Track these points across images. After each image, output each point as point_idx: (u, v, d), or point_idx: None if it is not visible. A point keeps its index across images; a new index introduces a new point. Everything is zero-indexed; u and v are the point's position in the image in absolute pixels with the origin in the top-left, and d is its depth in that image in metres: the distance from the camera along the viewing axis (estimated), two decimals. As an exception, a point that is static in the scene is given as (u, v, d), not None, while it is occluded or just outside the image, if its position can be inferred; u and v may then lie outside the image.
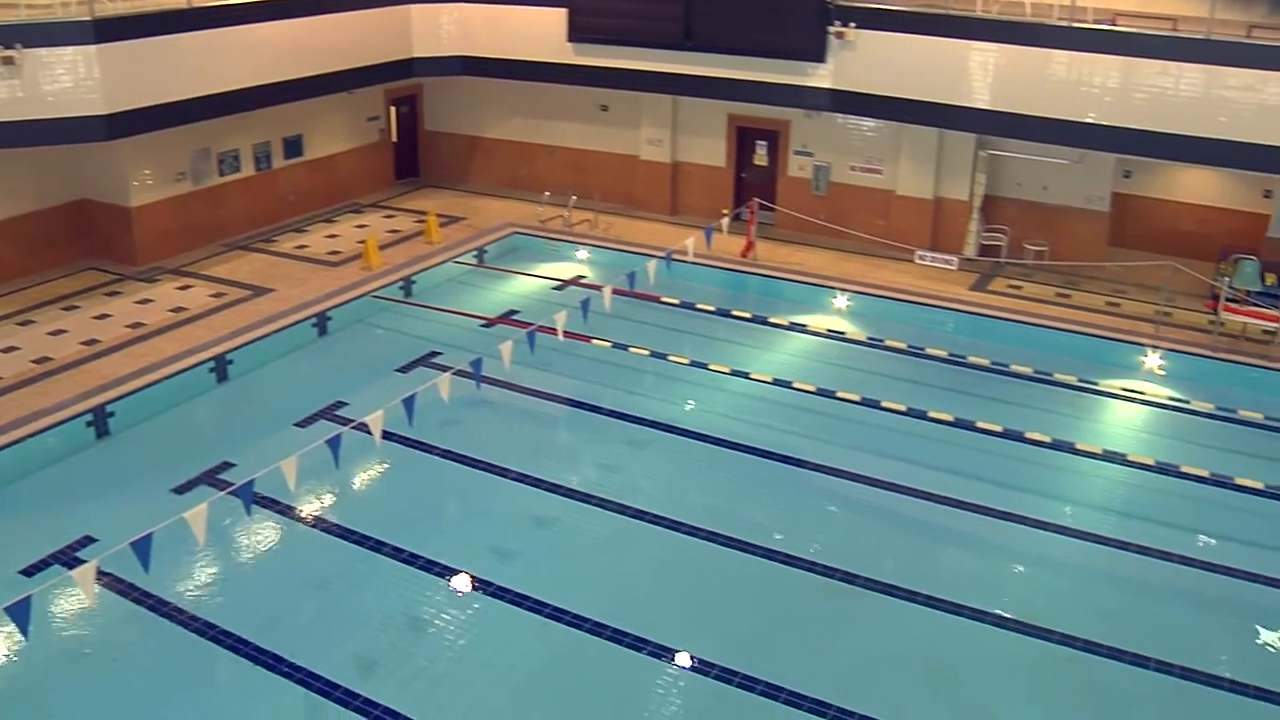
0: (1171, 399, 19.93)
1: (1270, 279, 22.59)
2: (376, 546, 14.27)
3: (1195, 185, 25.63)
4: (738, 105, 26.65)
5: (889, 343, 21.52)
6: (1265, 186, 24.67)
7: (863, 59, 23.36)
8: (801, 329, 22.11)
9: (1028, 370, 20.41)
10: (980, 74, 22.41)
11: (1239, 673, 12.76)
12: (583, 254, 25.54)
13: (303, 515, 15.05)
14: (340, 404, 17.96)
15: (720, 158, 27.83)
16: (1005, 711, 12.00)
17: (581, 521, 15.09)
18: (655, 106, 27.62)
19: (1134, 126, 21.49)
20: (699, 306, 22.60)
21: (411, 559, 14.01)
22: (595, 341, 20.16)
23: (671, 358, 20.13)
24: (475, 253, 24.93)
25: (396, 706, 11.52)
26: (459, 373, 16.00)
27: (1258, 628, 13.80)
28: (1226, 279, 22.04)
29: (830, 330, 22.19)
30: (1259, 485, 16.82)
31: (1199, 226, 25.47)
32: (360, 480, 16.11)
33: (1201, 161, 23.35)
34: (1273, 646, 13.62)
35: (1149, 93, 21.22)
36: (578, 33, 25.54)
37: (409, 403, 14.76)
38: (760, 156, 27.53)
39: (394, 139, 29.74)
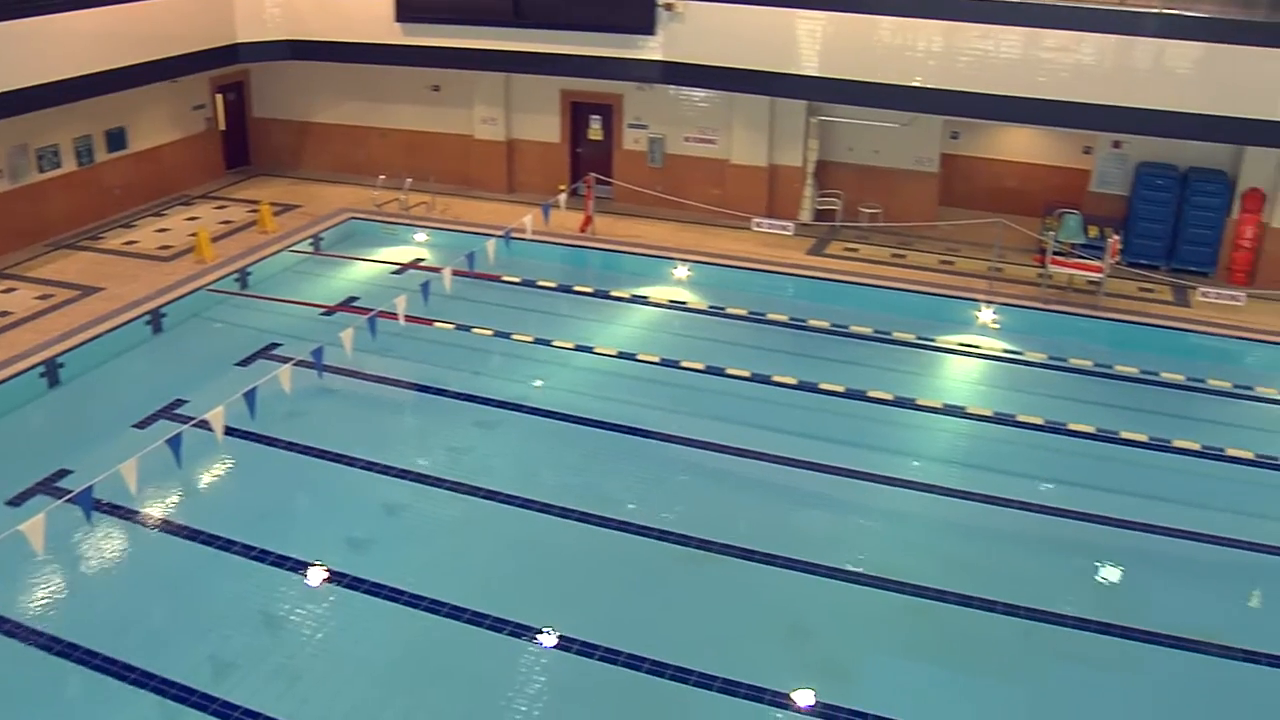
0: (1006, 351, 20.58)
1: (1093, 231, 23.44)
2: (226, 545, 13.96)
3: (1020, 144, 26.44)
4: (571, 80, 26.58)
5: (730, 310, 21.79)
6: (1085, 143, 25.57)
7: (692, 30, 23.54)
8: (643, 301, 22.25)
9: (867, 330, 20.86)
10: (809, 42, 22.75)
11: (1083, 609, 13.30)
12: (421, 236, 25.29)
13: (147, 519, 14.64)
14: (179, 402, 17.50)
15: (555, 134, 27.78)
16: (863, 664, 12.30)
17: (434, 506, 15.00)
18: (488, 85, 27.43)
19: (959, 89, 22.08)
20: (540, 284, 22.61)
21: (262, 555, 13.75)
22: (438, 324, 20.04)
23: (515, 336, 20.12)
24: (311, 240, 24.50)
25: (256, 706, 11.32)
26: (300, 363, 15.77)
27: (1098, 565, 14.40)
28: (1052, 233, 22.76)
29: (672, 301, 22.37)
30: (1091, 429, 17.50)
31: (1025, 183, 26.30)
32: (205, 479, 15.75)
33: (1024, 121, 24.12)
34: (1113, 582, 14.23)
35: (972, 56, 21.80)
36: (406, 12, 25.20)
37: (250, 396, 14.50)
38: (595, 131, 27.56)
39: (222, 128, 28.97)
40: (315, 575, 13.45)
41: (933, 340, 20.79)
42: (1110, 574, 14.40)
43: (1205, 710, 11.90)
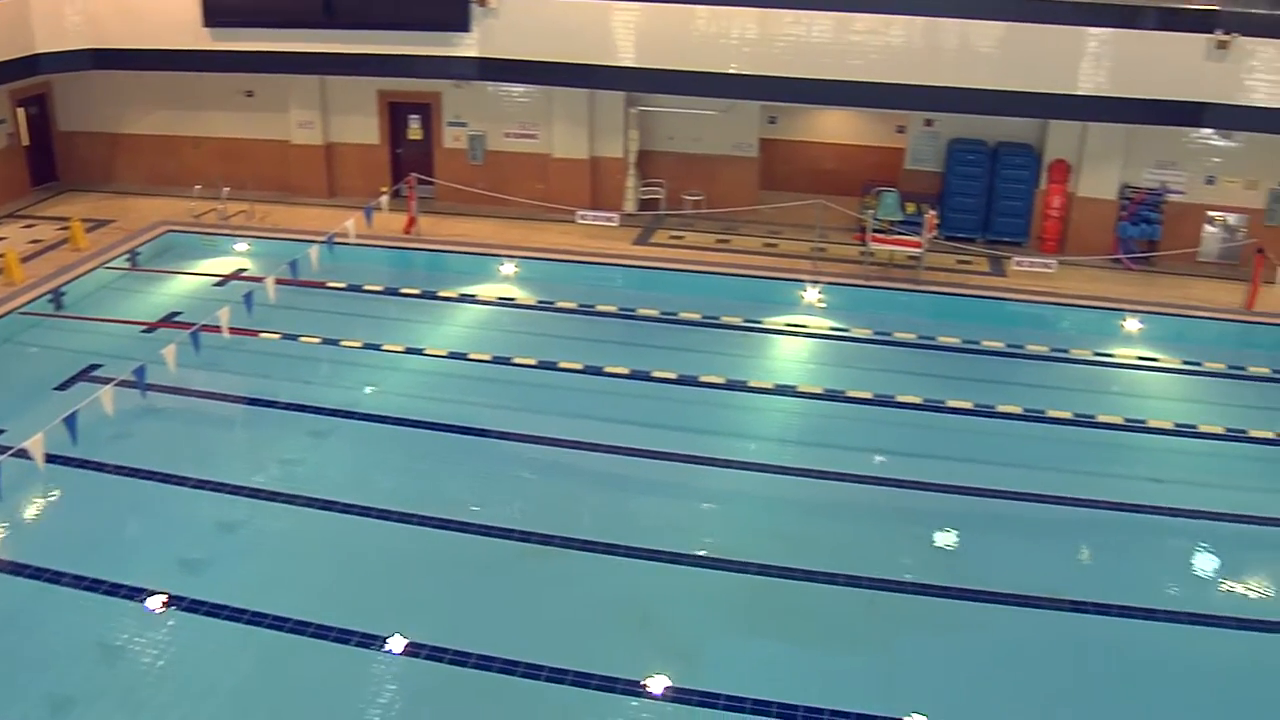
0: (832, 329, 21.04)
1: (910, 208, 24.06)
2: (54, 578, 13.41)
3: (836, 126, 26.99)
4: (387, 81, 26.30)
5: (559, 304, 21.82)
6: (898, 123, 26.24)
7: (508, 25, 23.49)
8: (472, 300, 22.17)
9: (696, 316, 21.11)
10: (625, 33, 22.90)
11: (922, 575, 13.72)
12: (242, 246, 24.72)
13: (-33, 555, 14.09)
14: (-4, 431, 16.88)
15: (374, 135, 27.44)
16: (712, 646, 12.43)
17: (270, 520, 14.70)
18: (303, 88, 26.95)
19: (774, 74, 22.51)
20: (367, 288, 22.33)
21: (95, 585, 13.25)
22: (264, 335, 19.64)
23: (344, 343, 19.81)
24: (128, 256, 23.74)
25: (98, 740, 11.00)
26: (122, 383, 15.34)
27: (933, 531, 14.84)
28: (871, 211, 23.31)
29: (500, 298, 22.32)
30: (918, 400, 17.98)
31: (842, 164, 26.85)
32: (28, 510, 15.12)
33: (838, 103, 24.66)
34: (949, 546, 14.67)
35: (785, 41, 22.21)
36: (214, 17, 24.61)
37: (70, 421, 14.06)
38: (415, 131, 27.32)
39: (25, 143, 27.85)
40: (152, 601, 13.06)
41: (761, 322, 21.13)
42: (946, 539, 14.85)
43: (1044, 662, 12.30)
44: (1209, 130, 23.70)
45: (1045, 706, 11.55)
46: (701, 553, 14.00)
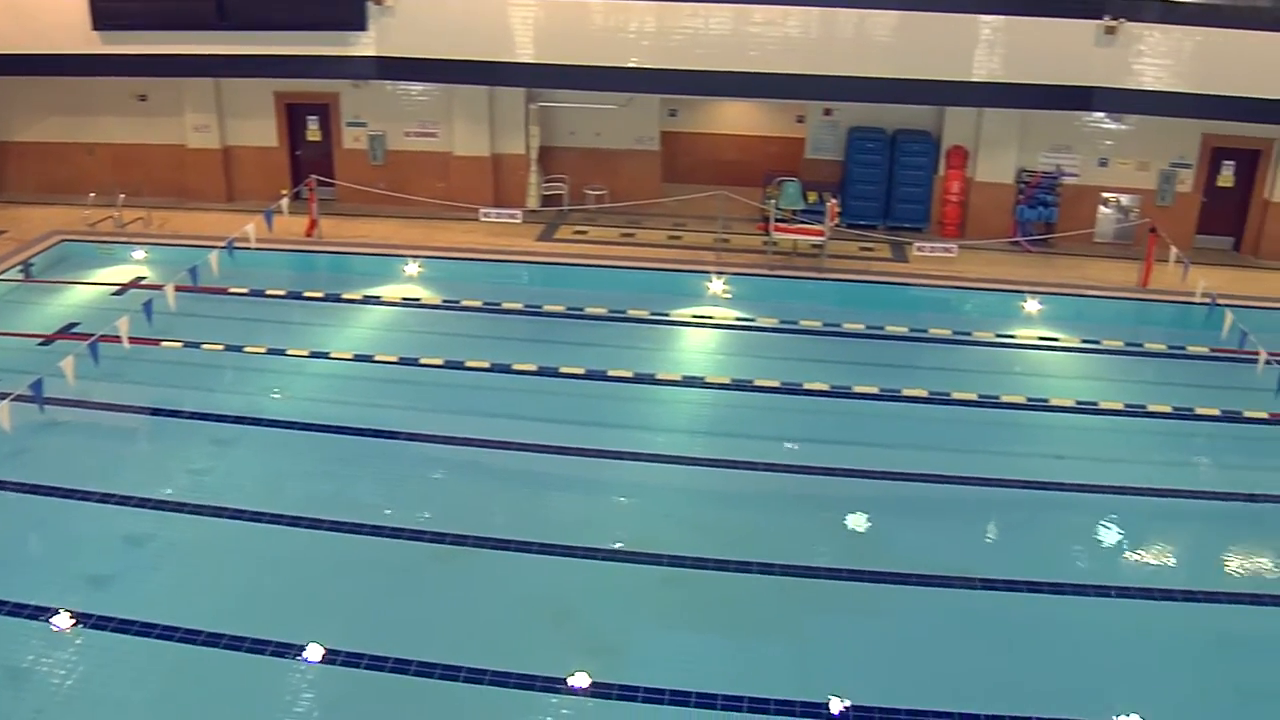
0: (738, 319, 21.18)
1: (812, 197, 24.31)
2: (-46, 600, 13.17)
3: (736, 117, 27.19)
4: (284, 82, 26.03)
5: (465, 303, 21.76)
6: (798, 112, 26.50)
7: (405, 24, 23.34)
8: (376, 301, 22.03)
9: (602, 311, 21.14)
10: (523, 28, 22.88)
11: (834, 560, 13.85)
12: (140, 254, 24.28)
13: None
14: (-111, 453, 16.42)
15: (272, 137, 27.15)
16: (629, 639, 12.44)
17: (178, 532, 14.43)
18: (198, 91, 26.56)
19: (673, 67, 22.62)
20: (269, 293, 22.04)
21: (-3, 606, 13.03)
22: (165, 344, 19.31)
23: (248, 349, 19.57)
24: (20, 267, 23.19)
25: (7, 765, 10.77)
26: (19, 398, 15.02)
27: (844, 516, 15.00)
28: (773, 201, 23.47)
29: (405, 298, 22.20)
30: (825, 387, 18.16)
31: (744, 155, 27.07)
32: (-75, 530, 14.81)
33: (737, 95, 24.85)
34: (859, 530, 14.82)
35: (684, 34, 22.33)
36: (103, 20, 24.10)
37: (-33, 439, 13.75)
38: (313, 132, 27.06)
39: (-93, 154, 27.20)
40: (59, 620, 12.79)
41: (667, 315, 21.22)
42: (856, 522, 15.01)
43: (956, 640, 12.49)
44: (1100, 114, 24.22)
45: (959, 683, 11.70)
46: (616, 546, 14.03)
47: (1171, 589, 13.54)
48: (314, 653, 12.08)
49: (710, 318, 21.37)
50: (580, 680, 11.65)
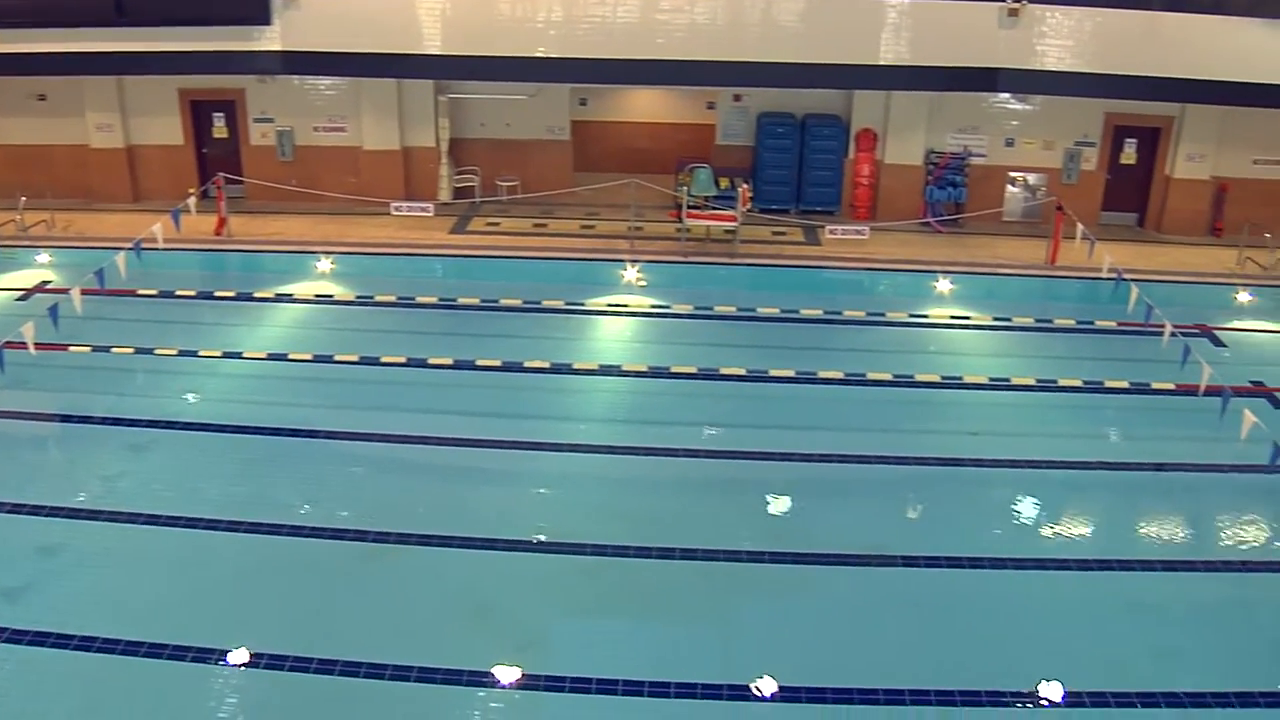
0: (654, 306, 21.23)
1: (724, 183, 24.42)
2: None
3: (647, 105, 27.20)
4: (188, 79, 25.63)
5: (379, 298, 21.61)
6: (708, 99, 26.56)
7: (310, 17, 23.10)
8: (289, 299, 21.79)
9: (517, 302, 21.09)
10: (430, 20, 22.75)
11: (756, 542, 13.91)
12: (44, 258, 23.81)
13: None
14: None
15: (178, 135, 26.76)
16: (554, 630, 12.43)
17: (93, 540, 14.16)
18: (99, 90, 26.07)
19: (581, 56, 22.56)
20: (179, 293, 21.74)
21: (-96, 622, 12.72)
22: (73, 348, 18.96)
23: (159, 351, 19.26)
24: (-81, 274, 22.75)
25: (-78, 788, 10.53)
26: (-77, 409, 14.70)
27: (765, 499, 15.09)
28: (685, 188, 23.57)
29: (318, 295, 21.99)
30: (742, 371, 18.25)
31: (655, 142, 27.09)
32: None
33: (646, 82, 24.86)
34: (780, 512, 14.94)
35: (591, 23, 22.30)
36: (-3, 18, 23.58)
37: None
38: (220, 129, 26.69)
39: None
40: (-31, 633, 12.55)
41: (582, 304, 21.22)
42: (777, 505, 15.11)
43: (879, 618, 12.60)
44: (1006, 95, 24.56)
45: (883, 660, 11.83)
46: (538, 538, 14.01)
47: (1087, 558, 13.81)
48: (237, 657, 11.93)
49: (625, 306, 21.39)
50: (507, 673, 11.63)
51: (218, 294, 21.99)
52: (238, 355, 19.13)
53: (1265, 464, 14.41)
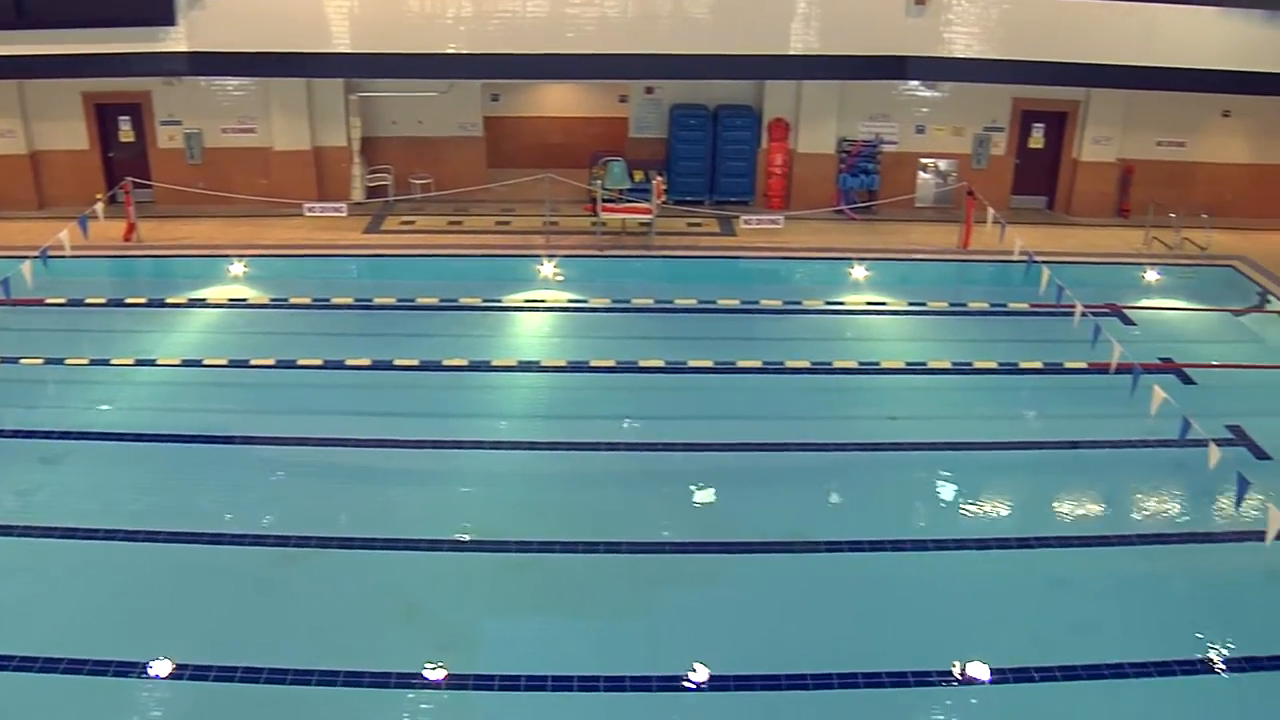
0: (571, 300, 21.25)
1: (639, 175, 24.43)
2: None
3: (559, 100, 27.19)
4: (92, 82, 25.14)
5: (294, 300, 21.44)
6: (620, 92, 26.61)
7: (216, 16, 22.79)
8: (202, 304, 21.46)
9: (434, 301, 21.00)
10: (339, 17, 22.58)
11: (678, 533, 14.01)
12: (-54, 269, 23.32)
13: None
14: None
15: (83, 140, 26.24)
16: (481, 628, 12.41)
17: (6, 557, 13.83)
18: (-2, 95, 25.55)
19: (492, 51, 22.51)
20: (89, 301, 21.39)
21: None
22: (-20, 360, 18.63)
23: (69, 361, 18.88)
24: None
25: None
26: None
27: (686, 490, 15.15)
28: (599, 182, 23.56)
29: (232, 299, 21.72)
30: (660, 363, 18.32)
31: (568, 137, 27.10)
32: None
33: (557, 77, 24.85)
34: (701, 502, 15.00)
35: (502, 18, 22.28)
36: (-116, 23, 22.94)
37: None
38: (126, 132, 26.25)
39: None
40: (-119, 655, 12.25)
41: (499, 301, 21.18)
42: (699, 495, 15.17)
43: (803, 604, 12.71)
44: (915, 82, 24.83)
45: (809, 646, 11.93)
46: (461, 536, 13.96)
47: (1006, 537, 14.07)
48: (161, 669, 11.77)
49: (542, 301, 21.37)
50: (435, 673, 11.59)
51: (129, 301, 21.68)
52: (151, 362, 18.83)
53: (1175, 438, 14.68)
